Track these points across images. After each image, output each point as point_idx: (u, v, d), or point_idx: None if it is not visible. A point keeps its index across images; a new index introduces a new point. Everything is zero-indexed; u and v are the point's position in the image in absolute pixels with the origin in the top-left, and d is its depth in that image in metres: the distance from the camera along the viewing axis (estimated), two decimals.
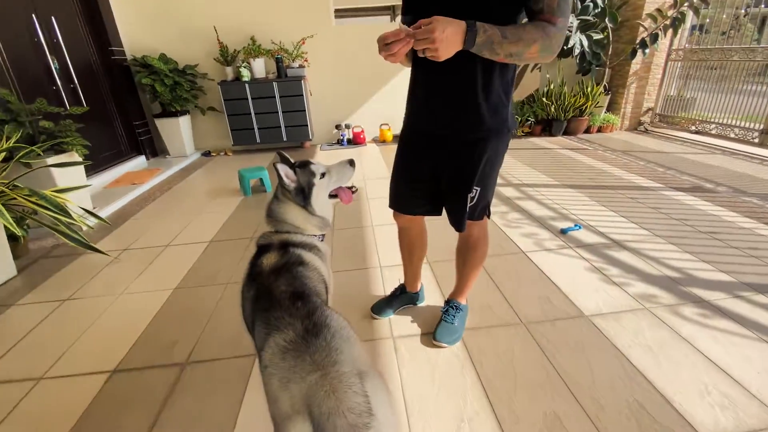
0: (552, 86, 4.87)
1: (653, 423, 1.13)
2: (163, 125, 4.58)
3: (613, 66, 4.89)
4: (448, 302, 1.56)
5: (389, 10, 14.83)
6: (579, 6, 4.32)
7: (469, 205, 1.22)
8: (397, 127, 5.32)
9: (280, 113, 4.72)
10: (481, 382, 1.30)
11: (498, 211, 2.67)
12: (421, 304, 1.72)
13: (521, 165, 3.77)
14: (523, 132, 4.97)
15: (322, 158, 4.58)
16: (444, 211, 1.35)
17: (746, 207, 2.58)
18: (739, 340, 1.43)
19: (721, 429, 1.10)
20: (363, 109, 5.29)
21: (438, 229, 1.65)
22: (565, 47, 4.43)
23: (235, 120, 4.69)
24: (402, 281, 1.70)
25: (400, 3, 1.20)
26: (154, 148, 4.79)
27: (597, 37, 4.44)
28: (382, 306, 1.65)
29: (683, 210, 2.57)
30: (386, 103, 5.25)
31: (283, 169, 1.04)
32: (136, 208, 3.15)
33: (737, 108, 4.19)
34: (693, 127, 4.68)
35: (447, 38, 0.86)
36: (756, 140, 3.98)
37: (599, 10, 4.33)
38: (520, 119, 4.88)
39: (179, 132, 4.64)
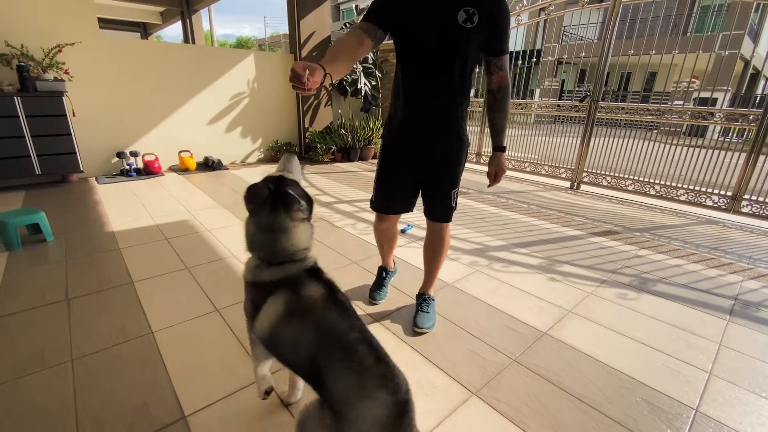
0: (343, 120, 5.72)
1: (513, 331, 1.75)
2: None
3: (383, 106, 6.25)
4: (421, 295, 1.82)
5: (140, 26, 13.03)
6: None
7: (453, 201, 1.60)
8: (199, 154, 4.87)
9: (28, 138, 3.46)
10: (418, 351, 1.61)
11: (347, 224, 3.04)
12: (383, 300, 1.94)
13: (346, 187, 4.29)
14: (328, 158, 5.56)
15: (107, 192, 3.66)
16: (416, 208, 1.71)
17: (489, 200, 3.99)
18: (525, 275, 2.33)
19: (540, 322, 1.83)
20: (153, 134, 4.56)
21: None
22: (354, 88, 5.38)
23: None
24: (380, 264, 1.97)
25: (151, 21, 1.33)
26: None
27: (373, 83, 5.61)
28: (374, 291, 1.92)
29: (461, 206, 3.71)
30: (183, 128, 4.72)
31: (292, 189, 0.93)
32: None
33: None
34: None
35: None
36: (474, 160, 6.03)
37: (372, 62, 5.52)
38: (325, 147, 5.47)
39: None
